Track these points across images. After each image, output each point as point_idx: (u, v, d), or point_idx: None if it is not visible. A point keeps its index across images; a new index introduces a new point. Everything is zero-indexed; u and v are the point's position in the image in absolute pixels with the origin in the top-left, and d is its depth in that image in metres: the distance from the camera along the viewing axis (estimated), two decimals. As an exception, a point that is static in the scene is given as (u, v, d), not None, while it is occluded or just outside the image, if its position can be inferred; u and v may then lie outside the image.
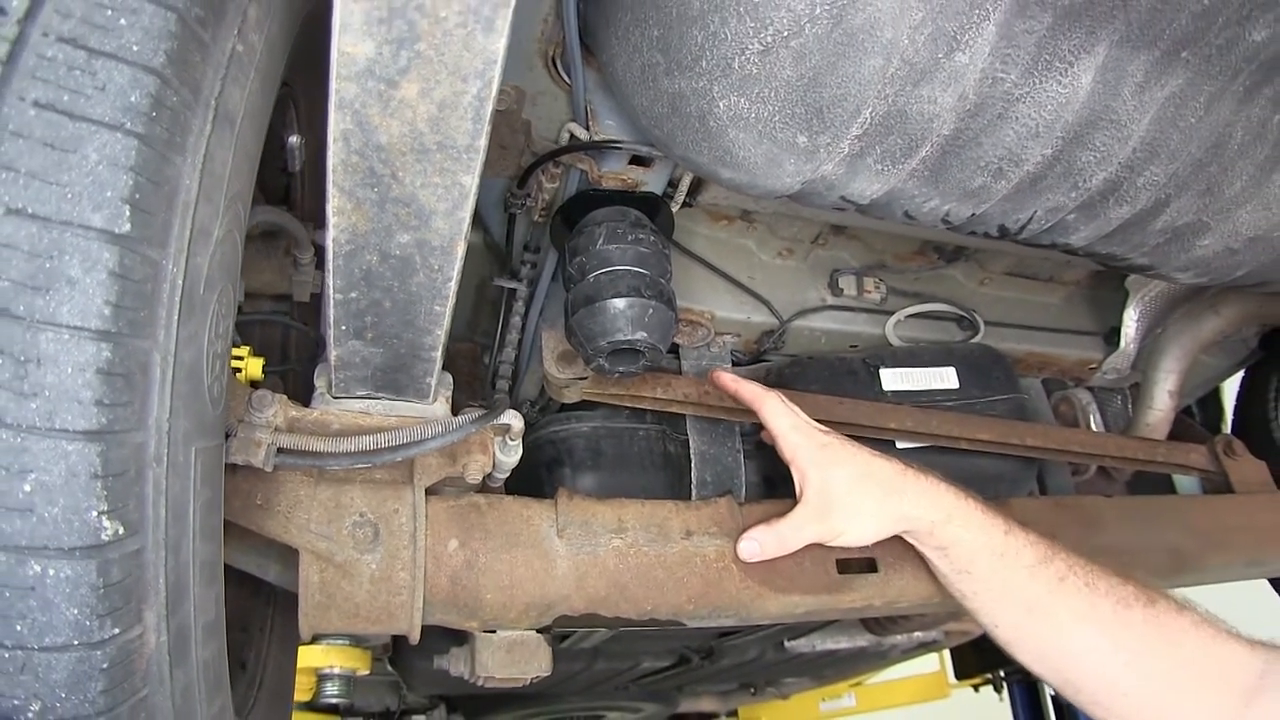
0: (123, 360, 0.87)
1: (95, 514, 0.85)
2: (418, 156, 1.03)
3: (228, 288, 1.08)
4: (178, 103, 0.91)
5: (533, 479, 1.91)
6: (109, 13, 0.88)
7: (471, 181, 1.07)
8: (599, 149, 1.61)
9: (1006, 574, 1.54)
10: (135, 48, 0.88)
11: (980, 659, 5.23)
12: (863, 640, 3.50)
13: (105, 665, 0.89)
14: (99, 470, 0.85)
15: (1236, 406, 3.02)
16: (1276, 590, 3.14)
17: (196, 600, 1.05)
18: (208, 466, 1.07)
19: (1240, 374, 2.97)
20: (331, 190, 1.06)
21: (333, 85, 0.95)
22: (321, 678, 2.65)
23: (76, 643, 0.87)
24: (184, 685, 1.03)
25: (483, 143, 1.03)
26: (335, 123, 0.99)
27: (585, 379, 1.83)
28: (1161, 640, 1.44)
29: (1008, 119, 1.31)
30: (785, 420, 1.64)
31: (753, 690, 4.94)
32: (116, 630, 0.90)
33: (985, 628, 1.61)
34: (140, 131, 0.87)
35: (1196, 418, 3.12)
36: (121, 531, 0.88)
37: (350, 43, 0.91)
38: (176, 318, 0.94)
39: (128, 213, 0.86)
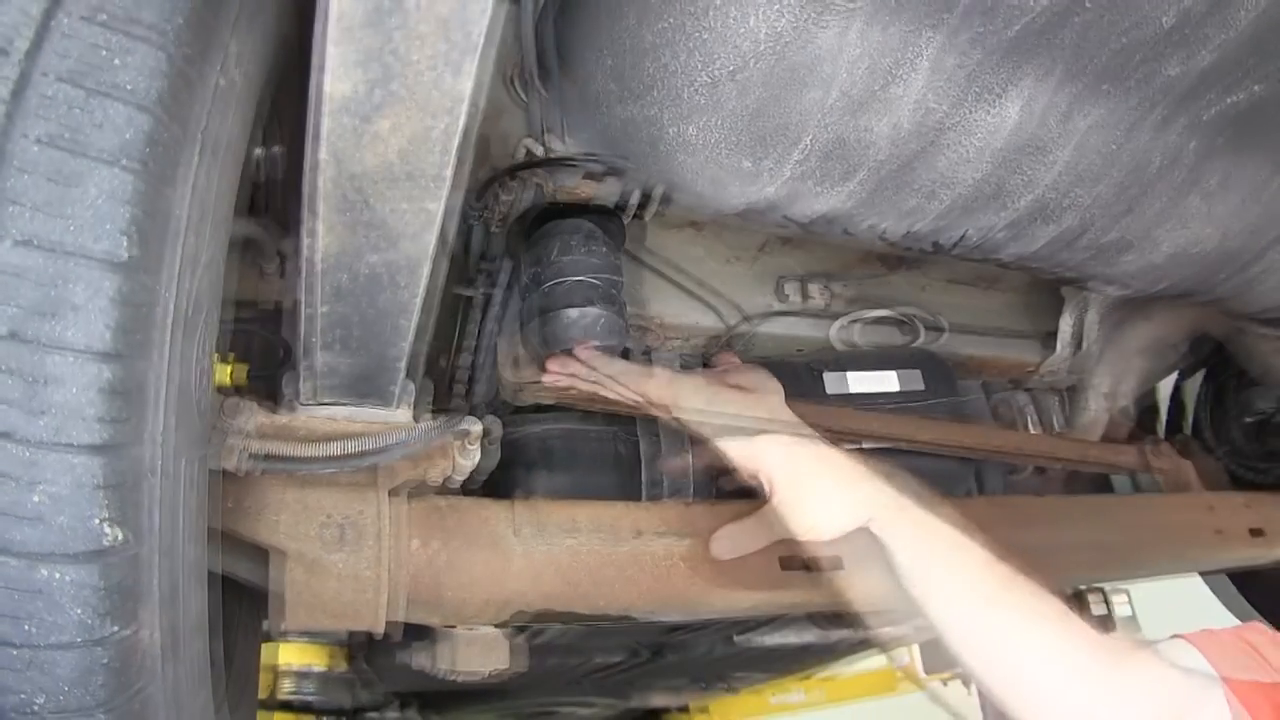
0: (123, 379, 0.92)
1: (99, 521, 0.91)
2: (388, 185, 1.08)
3: (214, 308, 1.14)
4: (169, 138, 0.96)
5: (488, 480, 1.96)
6: (104, 53, 0.92)
7: (438, 207, 1.13)
8: (554, 165, 1.67)
9: (966, 565, 1.52)
10: (129, 86, 0.92)
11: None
12: (810, 635, 3.54)
13: (106, 661, 0.95)
14: (102, 481, 0.90)
15: (1196, 409, 3.12)
16: (1207, 583, 3.25)
17: (187, 600, 1.10)
18: (196, 475, 1.12)
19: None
20: (307, 214, 1.11)
21: (311, 120, 1.00)
22: (281, 674, 2.70)
23: (80, 640, 0.93)
24: (176, 679, 1.09)
25: (449, 173, 1.08)
26: (312, 153, 1.04)
27: (539, 383, 1.89)
28: (1107, 651, 1.41)
29: (940, 146, 1.39)
30: None
31: (703, 685, 4.98)
32: (116, 628, 0.95)
33: (935, 624, 1.54)
34: (136, 166, 0.92)
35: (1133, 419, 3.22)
36: (122, 537, 0.93)
37: (330, 82, 0.97)
38: (170, 339, 0.99)
39: (126, 243, 0.91)
